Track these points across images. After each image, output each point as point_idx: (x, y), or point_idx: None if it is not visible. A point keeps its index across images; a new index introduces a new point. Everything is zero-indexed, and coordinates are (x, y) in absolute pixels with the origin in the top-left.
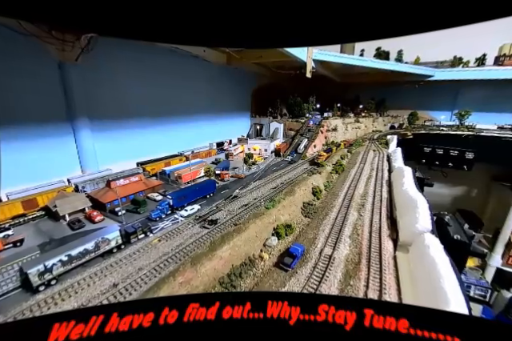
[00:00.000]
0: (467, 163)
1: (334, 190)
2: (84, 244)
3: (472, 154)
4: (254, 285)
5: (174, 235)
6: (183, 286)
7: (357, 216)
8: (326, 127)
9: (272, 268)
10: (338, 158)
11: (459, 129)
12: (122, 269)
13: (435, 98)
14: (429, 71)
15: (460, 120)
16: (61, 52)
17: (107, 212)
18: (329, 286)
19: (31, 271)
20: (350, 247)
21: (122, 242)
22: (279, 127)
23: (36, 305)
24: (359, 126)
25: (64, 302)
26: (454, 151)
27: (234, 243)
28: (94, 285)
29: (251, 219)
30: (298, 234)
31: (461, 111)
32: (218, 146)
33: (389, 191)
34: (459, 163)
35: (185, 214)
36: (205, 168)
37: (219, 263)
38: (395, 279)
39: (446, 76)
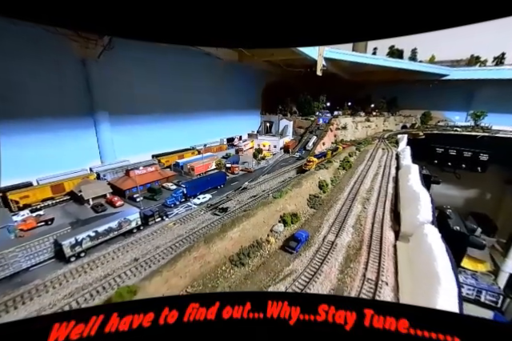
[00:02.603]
0: (481, 165)
1: (341, 185)
2: (109, 223)
3: (486, 155)
4: (261, 264)
5: (188, 220)
6: (197, 260)
7: (361, 209)
8: (335, 125)
9: (278, 251)
10: (345, 155)
11: (474, 130)
12: (142, 246)
13: (450, 98)
14: (444, 70)
15: (475, 121)
16: (84, 49)
17: (126, 198)
18: (330, 267)
19: (65, 243)
20: (353, 236)
21: (141, 224)
22: (288, 125)
23: (69, 272)
24: (369, 125)
25: (92, 271)
26: (468, 152)
27: (244, 227)
28: (117, 258)
29: (259, 207)
30: (303, 222)
31: (476, 112)
32: (229, 142)
33: (395, 187)
34: (473, 165)
35: (197, 202)
36: (216, 161)
37: (229, 243)
38: (393, 264)
39: (462, 75)
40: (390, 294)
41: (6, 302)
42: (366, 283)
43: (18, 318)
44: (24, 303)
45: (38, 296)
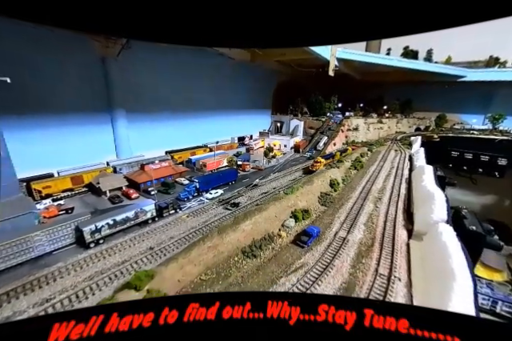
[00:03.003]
0: (499, 170)
1: (352, 184)
2: (126, 212)
3: (505, 160)
4: (273, 256)
5: (201, 213)
6: (211, 250)
7: (373, 207)
8: (346, 126)
9: (289, 245)
10: (357, 155)
11: (492, 133)
12: (157, 236)
13: (466, 101)
14: (461, 72)
15: (493, 124)
16: (105, 48)
17: (141, 191)
18: (342, 262)
19: (85, 229)
20: (364, 233)
21: (156, 215)
22: (299, 125)
23: (89, 257)
24: (382, 126)
25: (110, 257)
26: (485, 156)
27: (256, 220)
28: (133, 246)
29: (271, 201)
30: (314, 219)
31: (494, 115)
32: (239, 141)
33: (408, 188)
34: (490, 169)
35: (209, 197)
36: (227, 158)
37: (242, 235)
38: (406, 262)
39: (480, 77)
40: (403, 289)
41: (31, 282)
42: (379, 278)
43: (43, 297)
44: (48, 284)
45: (61, 278)
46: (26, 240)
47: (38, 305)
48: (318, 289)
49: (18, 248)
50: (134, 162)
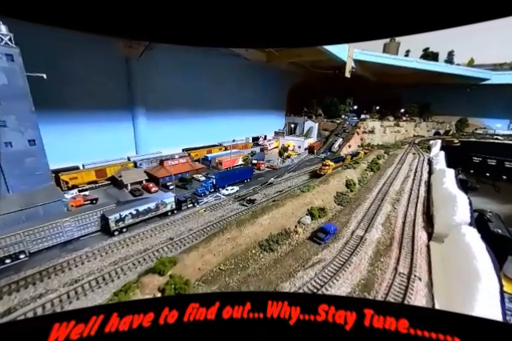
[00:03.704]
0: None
1: (368, 185)
2: (148, 203)
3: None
4: (290, 251)
5: (217, 208)
6: (229, 241)
7: (391, 208)
8: (362, 129)
9: (306, 241)
10: (373, 157)
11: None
12: (176, 228)
13: (490, 104)
14: (484, 74)
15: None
16: (128, 49)
17: (160, 186)
18: (359, 259)
19: (111, 217)
20: (382, 233)
21: (175, 208)
22: (314, 126)
23: (113, 244)
24: (399, 129)
25: (133, 245)
26: (511, 163)
27: (273, 215)
28: (154, 236)
29: (288, 198)
30: (330, 217)
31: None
32: (254, 141)
33: (427, 191)
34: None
35: (226, 193)
36: (243, 156)
37: (259, 229)
38: (427, 263)
39: (506, 79)
40: (424, 289)
41: (61, 264)
42: (398, 277)
43: (72, 278)
44: (76, 266)
45: (88, 261)
46: (58, 225)
47: (68, 285)
48: (337, 284)
49: (50, 232)
50: (153, 158)
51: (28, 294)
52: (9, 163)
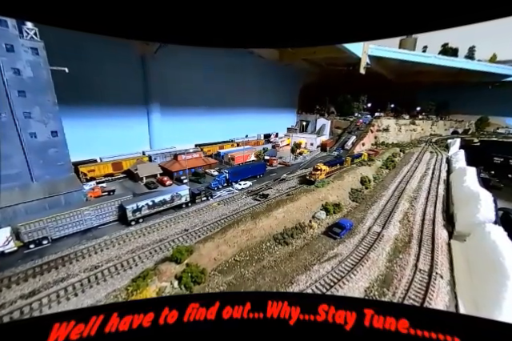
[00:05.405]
0: None
1: (384, 183)
2: (164, 195)
3: None
4: (305, 245)
5: (231, 202)
6: (244, 233)
7: (408, 206)
8: (376, 127)
9: (321, 236)
10: (389, 154)
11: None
12: (190, 220)
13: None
14: (508, 70)
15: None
16: (144, 46)
17: (174, 179)
18: (377, 255)
19: (128, 207)
20: (400, 230)
21: (190, 201)
22: (326, 124)
23: (130, 234)
24: (415, 128)
25: (150, 234)
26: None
27: (288, 209)
28: (170, 227)
29: (302, 193)
30: (345, 213)
31: None
32: (265, 138)
33: (446, 190)
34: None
35: (239, 188)
36: (256, 152)
37: (274, 222)
38: (448, 260)
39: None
40: (446, 287)
41: (82, 250)
42: (418, 273)
43: (92, 264)
44: (96, 253)
45: (107, 249)
46: (78, 213)
47: (88, 270)
48: (354, 278)
49: (71, 219)
50: (167, 153)
51: (51, 278)
52: (33, 153)
